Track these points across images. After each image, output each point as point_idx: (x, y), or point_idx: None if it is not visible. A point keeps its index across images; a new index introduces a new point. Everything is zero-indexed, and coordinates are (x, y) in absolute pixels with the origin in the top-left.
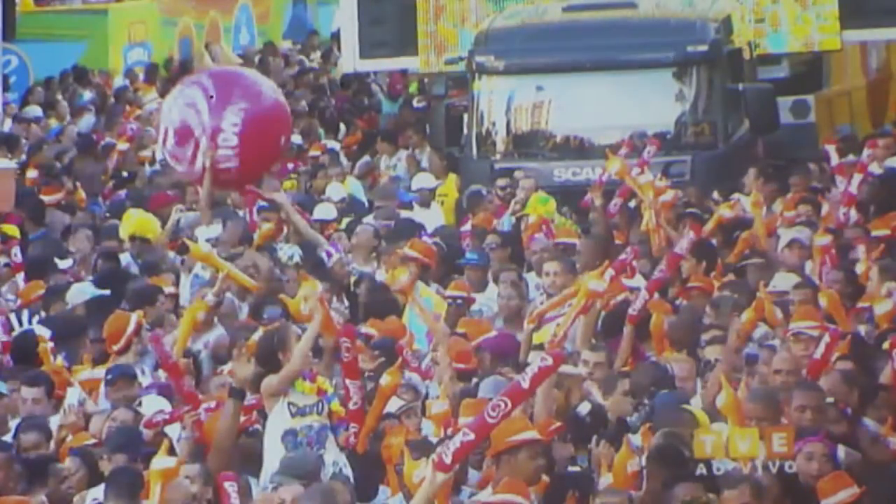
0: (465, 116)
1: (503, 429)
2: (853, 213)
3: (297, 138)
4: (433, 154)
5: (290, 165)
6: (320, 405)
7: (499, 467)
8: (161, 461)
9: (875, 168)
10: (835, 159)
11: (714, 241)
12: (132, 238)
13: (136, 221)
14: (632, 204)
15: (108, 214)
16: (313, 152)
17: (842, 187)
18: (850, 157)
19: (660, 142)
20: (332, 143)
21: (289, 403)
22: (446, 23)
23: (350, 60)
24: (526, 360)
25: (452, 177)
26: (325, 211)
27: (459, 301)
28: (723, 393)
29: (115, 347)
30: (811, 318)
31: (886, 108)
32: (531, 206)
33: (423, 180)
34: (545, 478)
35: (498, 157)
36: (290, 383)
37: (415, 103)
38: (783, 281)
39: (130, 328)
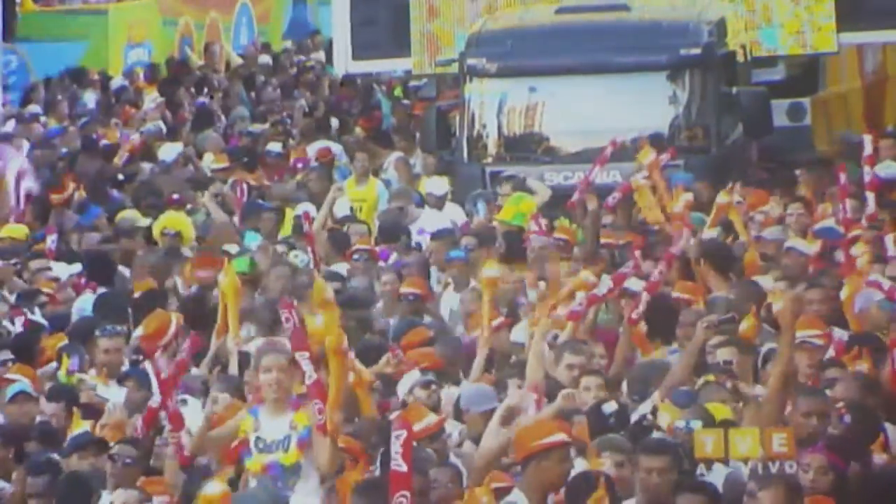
0: (457, 119)
1: (531, 432)
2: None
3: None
4: (427, 157)
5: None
6: (287, 441)
7: (526, 471)
8: (212, 487)
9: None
10: (868, 149)
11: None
12: (163, 234)
13: (166, 218)
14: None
15: (107, 215)
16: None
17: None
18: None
19: (672, 150)
20: (332, 144)
21: (257, 438)
22: (439, 24)
23: (342, 61)
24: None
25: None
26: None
27: (411, 297)
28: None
29: (154, 346)
30: (815, 327)
31: (883, 111)
32: (509, 205)
33: (436, 185)
34: None
35: (489, 160)
36: None
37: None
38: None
39: (172, 329)
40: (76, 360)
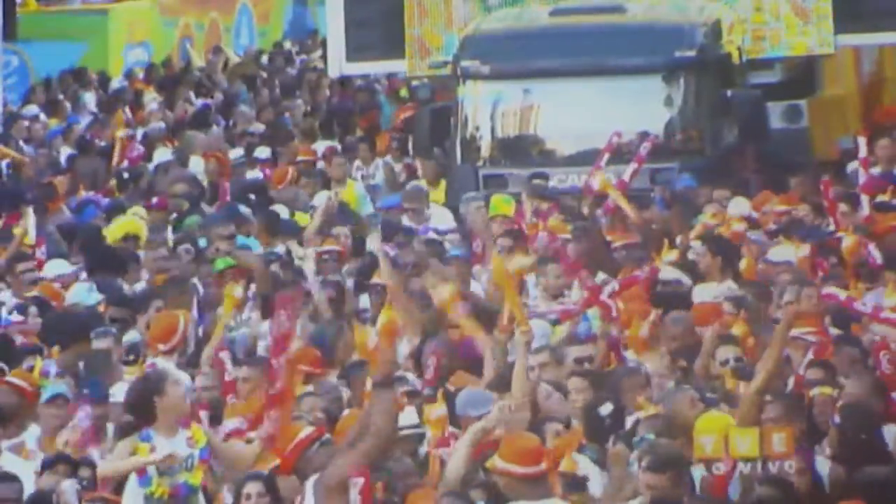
0: (451, 121)
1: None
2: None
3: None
4: (425, 161)
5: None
6: (191, 461)
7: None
8: None
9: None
10: (863, 151)
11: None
12: (125, 239)
13: (122, 224)
14: None
15: (105, 215)
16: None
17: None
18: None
19: (654, 139)
20: (331, 144)
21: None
22: (428, 26)
23: (336, 63)
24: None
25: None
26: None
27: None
28: None
29: (164, 347)
30: (810, 324)
31: (879, 113)
32: (493, 207)
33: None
34: None
35: (482, 163)
36: None
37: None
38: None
39: (181, 328)
40: (51, 363)
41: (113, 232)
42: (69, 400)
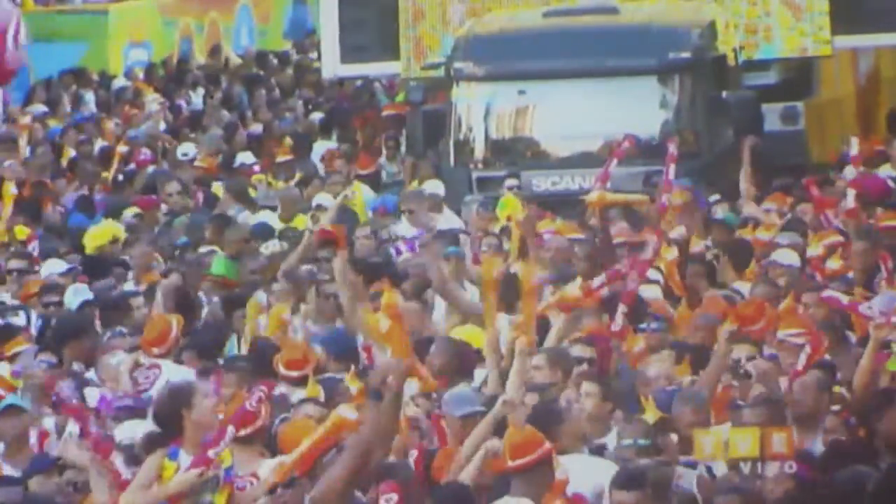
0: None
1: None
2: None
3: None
4: (423, 161)
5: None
6: (216, 481)
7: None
8: None
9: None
10: (854, 148)
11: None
12: (113, 242)
13: (107, 229)
14: None
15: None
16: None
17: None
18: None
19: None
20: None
21: None
22: (425, 27)
23: (330, 65)
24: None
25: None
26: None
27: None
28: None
29: (157, 351)
30: (797, 325)
31: (877, 114)
32: (502, 207)
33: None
34: None
35: (473, 165)
36: None
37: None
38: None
39: (174, 331)
40: (24, 363)
41: (97, 236)
42: (24, 411)
